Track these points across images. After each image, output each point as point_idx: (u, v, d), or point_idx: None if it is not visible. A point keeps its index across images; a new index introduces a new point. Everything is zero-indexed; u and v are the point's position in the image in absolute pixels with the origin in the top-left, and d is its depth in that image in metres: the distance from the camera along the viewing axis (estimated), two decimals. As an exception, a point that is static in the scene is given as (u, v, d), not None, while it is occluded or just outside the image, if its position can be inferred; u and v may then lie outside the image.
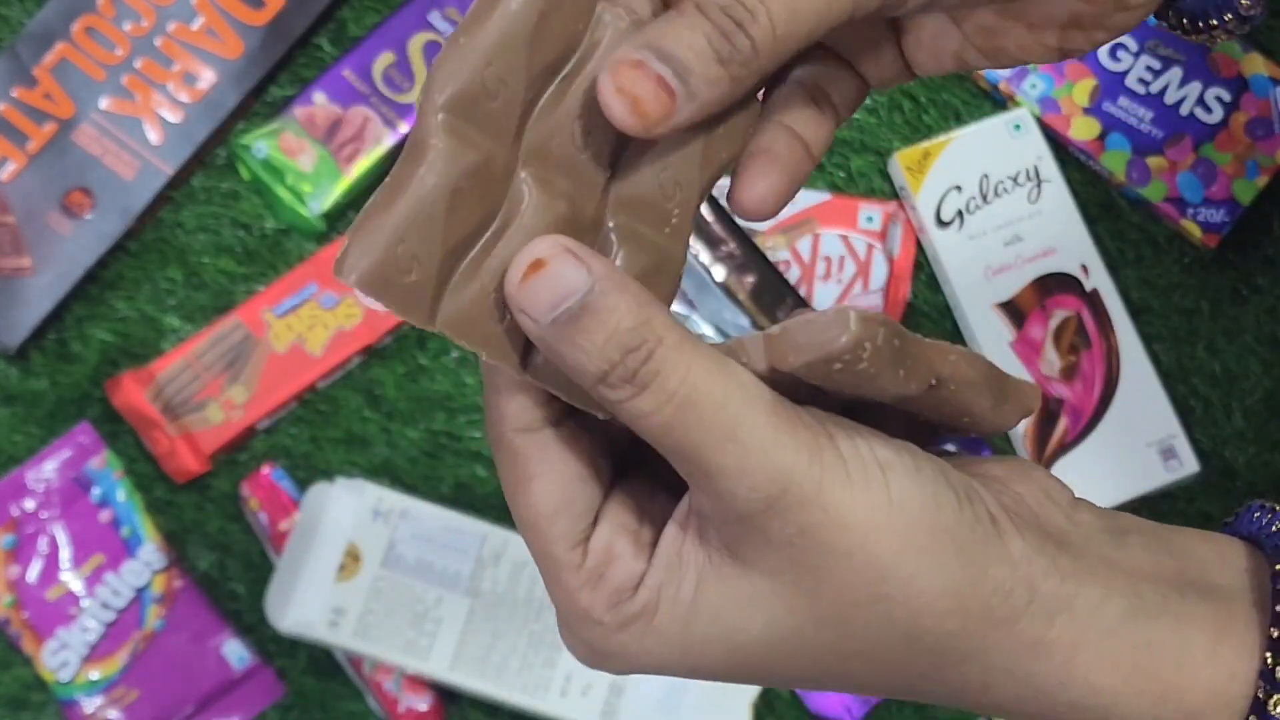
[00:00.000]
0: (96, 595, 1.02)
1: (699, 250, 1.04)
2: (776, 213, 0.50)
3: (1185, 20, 0.53)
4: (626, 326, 0.43)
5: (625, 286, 0.43)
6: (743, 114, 0.48)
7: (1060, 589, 0.45)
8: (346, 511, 0.99)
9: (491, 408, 0.47)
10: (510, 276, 0.44)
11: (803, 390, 0.46)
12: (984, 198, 1.04)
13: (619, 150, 0.47)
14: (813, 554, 0.44)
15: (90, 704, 1.02)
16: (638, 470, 0.49)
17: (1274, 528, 0.49)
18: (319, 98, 1.07)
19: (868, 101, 1.08)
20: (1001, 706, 0.47)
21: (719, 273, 1.03)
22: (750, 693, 0.99)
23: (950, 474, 0.46)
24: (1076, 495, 0.49)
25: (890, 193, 1.07)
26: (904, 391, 0.45)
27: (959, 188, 1.05)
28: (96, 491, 1.04)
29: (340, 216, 1.07)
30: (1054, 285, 1.04)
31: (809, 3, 0.44)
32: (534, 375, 0.47)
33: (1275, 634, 0.46)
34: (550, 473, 0.46)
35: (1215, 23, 0.52)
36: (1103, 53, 1.06)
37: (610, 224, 0.47)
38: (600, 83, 0.44)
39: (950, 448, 0.50)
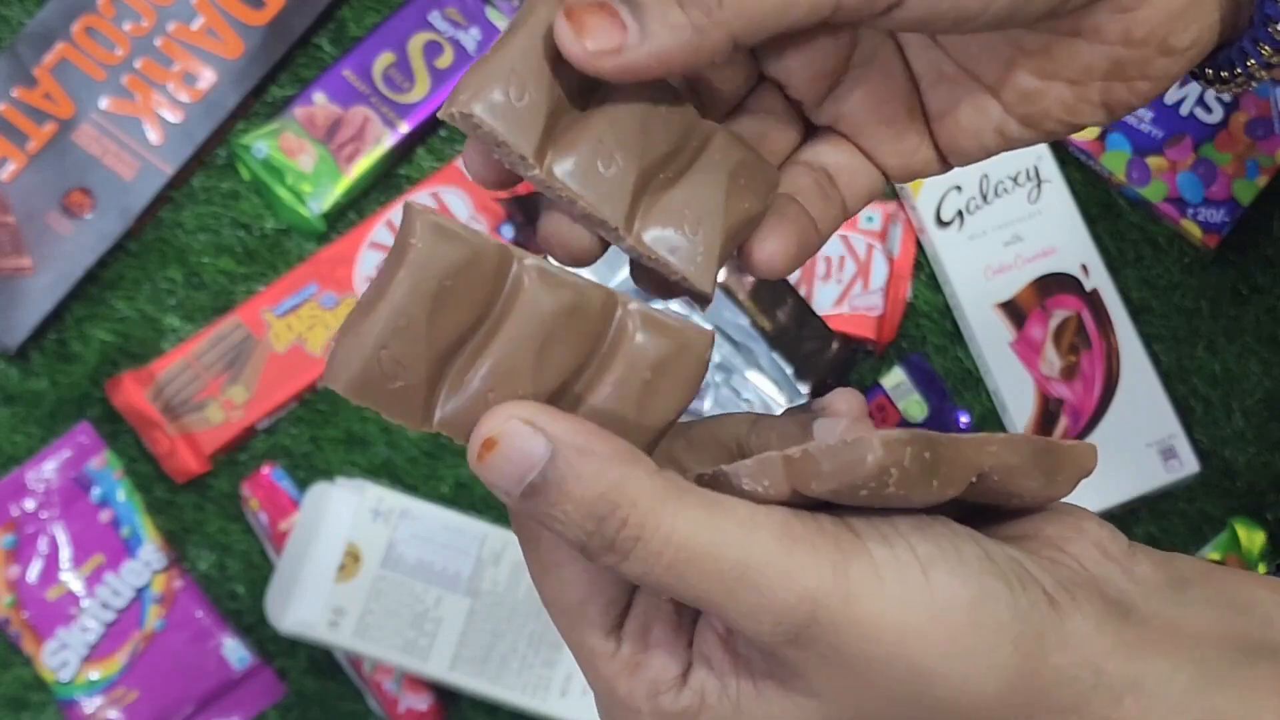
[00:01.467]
0: (96, 595, 1.02)
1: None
2: (786, 274, 0.48)
3: (1210, 71, 0.51)
4: (595, 494, 0.41)
5: (590, 448, 0.42)
6: (681, 359, 0.46)
7: (1126, 667, 0.44)
8: (346, 511, 0.99)
9: None
10: (469, 455, 0.42)
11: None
12: (984, 198, 1.04)
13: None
14: (851, 671, 0.43)
15: (90, 704, 1.02)
16: None
17: None
18: (319, 98, 1.07)
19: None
20: None
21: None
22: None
23: (998, 557, 0.44)
24: (1129, 543, 0.48)
25: (890, 193, 1.07)
26: (939, 500, 0.44)
27: (959, 187, 1.04)
28: (96, 491, 1.04)
29: (340, 216, 1.07)
30: (1054, 285, 1.04)
31: None
32: None
33: None
34: (575, 560, 0.45)
35: (1239, 70, 0.50)
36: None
37: (630, 306, 0.45)
38: (555, 20, 0.43)
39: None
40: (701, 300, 0.46)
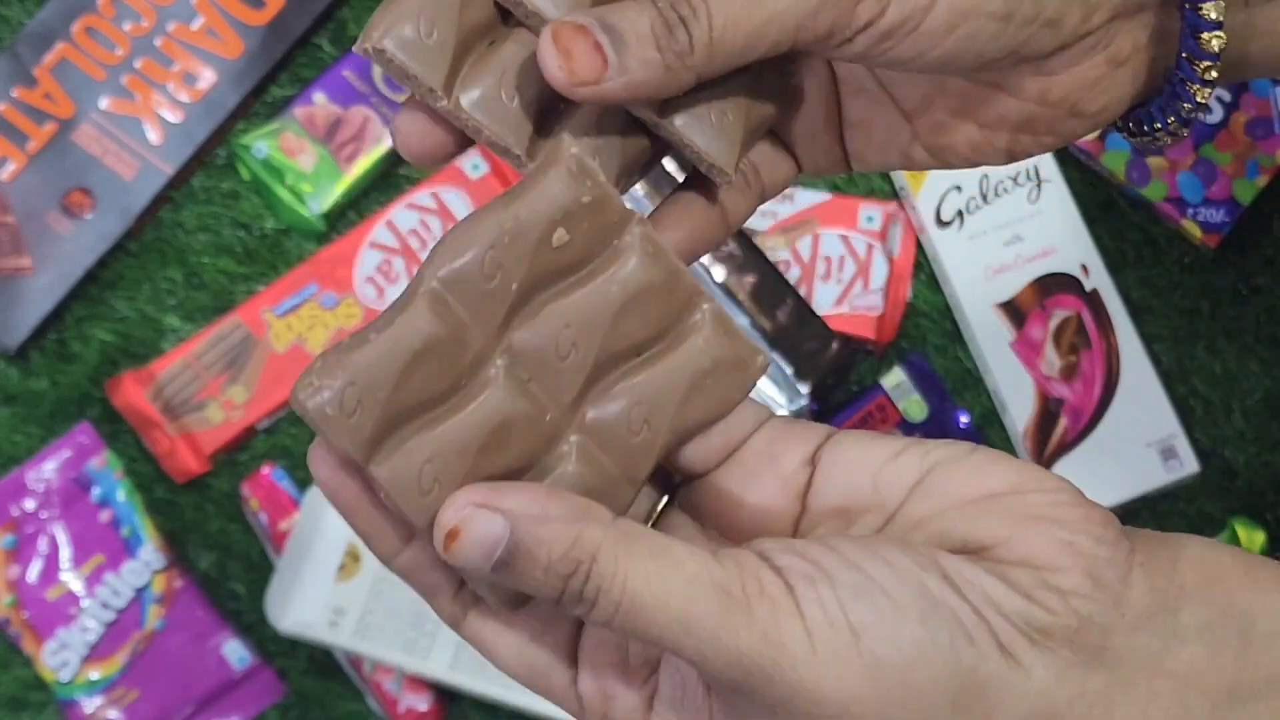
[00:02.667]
0: (96, 595, 1.02)
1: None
2: None
3: (1131, 124, 0.54)
4: (557, 555, 0.44)
5: (546, 513, 0.44)
6: (733, 370, 0.48)
7: (1088, 715, 0.43)
8: (346, 511, 0.99)
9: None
10: (437, 548, 0.45)
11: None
12: (984, 197, 1.04)
13: (601, 371, 0.47)
14: None
15: (90, 704, 1.02)
16: None
17: None
18: (319, 98, 1.07)
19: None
20: None
21: (719, 273, 1.03)
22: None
23: (949, 599, 0.43)
24: (1128, 556, 0.46)
25: (890, 193, 1.07)
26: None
27: (959, 187, 1.05)
28: (96, 491, 1.04)
29: (340, 216, 1.07)
30: (1054, 285, 1.04)
31: (749, 18, 0.46)
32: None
33: None
34: (503, 644, 0.48)
35: (1159, 125, 0.52)
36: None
37: (572, 439, 0.47)
38: (540, 35, 0.46)
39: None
40: None
